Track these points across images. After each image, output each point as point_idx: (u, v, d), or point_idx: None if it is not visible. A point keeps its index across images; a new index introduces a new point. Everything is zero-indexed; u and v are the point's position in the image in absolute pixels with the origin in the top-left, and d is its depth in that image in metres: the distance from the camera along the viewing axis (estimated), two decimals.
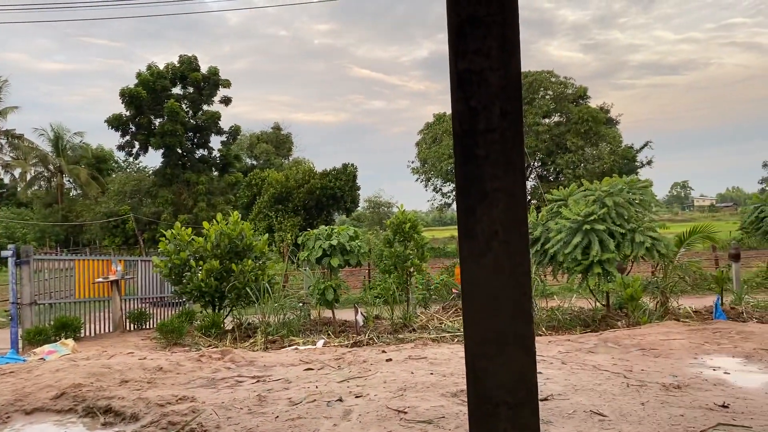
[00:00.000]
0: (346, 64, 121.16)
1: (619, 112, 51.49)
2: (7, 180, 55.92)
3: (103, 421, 5.51)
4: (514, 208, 1.69)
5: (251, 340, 10.73)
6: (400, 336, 10.32)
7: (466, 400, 5.32)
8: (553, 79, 43.71)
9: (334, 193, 39.39)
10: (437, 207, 52.20)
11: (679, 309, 11.17)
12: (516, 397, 1.69)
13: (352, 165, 41.17)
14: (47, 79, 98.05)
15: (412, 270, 12.21)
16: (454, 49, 1.72)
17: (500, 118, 1.70)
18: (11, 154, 49.66)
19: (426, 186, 48.60)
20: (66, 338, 10.64)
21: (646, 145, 44.90)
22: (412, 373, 6.54)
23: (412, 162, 49.15)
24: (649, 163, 44.99)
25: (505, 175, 1.69)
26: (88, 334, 12.21)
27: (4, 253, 11.93)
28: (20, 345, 11.05)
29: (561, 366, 6.67)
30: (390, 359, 7.44)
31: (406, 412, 4.97)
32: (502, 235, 1.69)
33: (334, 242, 11.79)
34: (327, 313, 12.45)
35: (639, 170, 44.11)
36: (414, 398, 5.42)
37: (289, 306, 12.18)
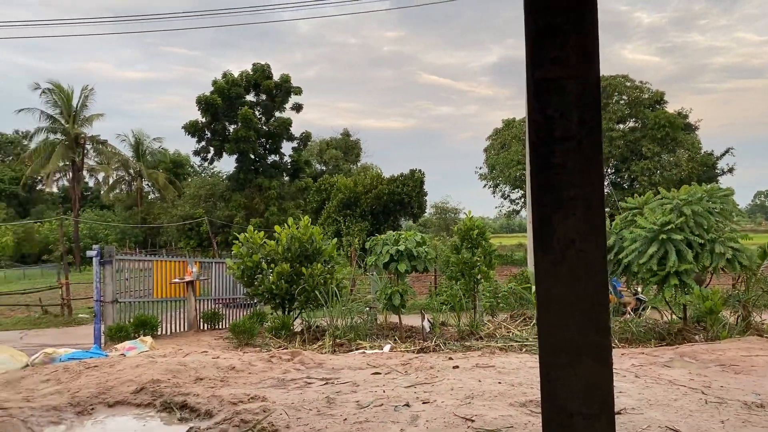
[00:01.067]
0: (414, 71, 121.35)
1: (698, 118, 49.36)
2: (91, 183, 58.94)
3: (179, 416, 5.73)
4: (592, 216, 1.67)
5: (319, 343, 10.89)
6: (467, 344, 10.24)
7: (535, 410, 5.25)
8: (627, 84, 42.42)
9: (401, 198, 39.53)
10: (505, 214, 51.53)
11: (763, 324, 10.61)
12: (591, 408, 1.67)
13: (420, 171, 41.25)
14: (130, 87, 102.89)
15: (479, 277, 12.11)
16: (531, 58, 1.72)
17: (578, 127, 1.69)
18: (96, 159, 52.30)
19: (494, 192, 48.09)
20: (144, 336, 11.11)
21: (727, 151, 42.86)
22: (480, 381, 6.49)
23: (480, 168, 48.75)
24: (731, 170, 42.92)
25: (583, 184, 1.68)
26: (164, 332, 12.71)
27: (89, 253, 12.59)
28: (102, 341, 11.61)
29: (634, 379, 6.47)
30: (457, 366, 7.40)
31: (473, 420, 4.94)
32: (578, 244, 1.68)
33: (402, 247, 11.83)
34: (393, 318, 12.50)
35: (719, 178, 42.17)
36: (482, 407, 5.38)
37: (356, 310, 12.30)
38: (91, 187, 59.94)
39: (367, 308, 12.75)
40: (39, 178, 53.90)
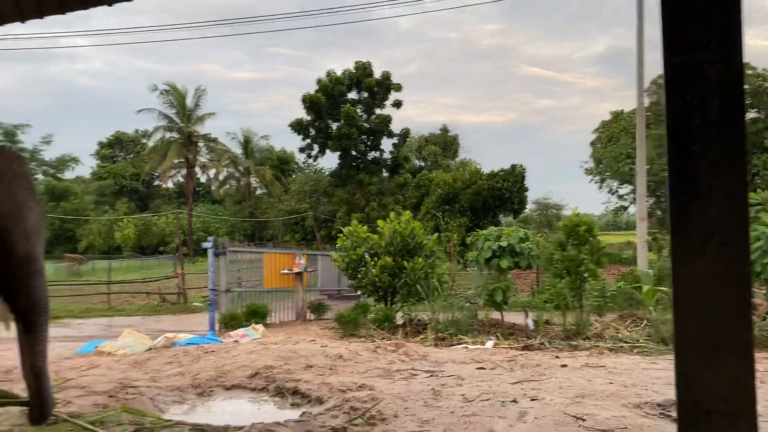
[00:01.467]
0: (514, 64, 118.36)
1: None
2: (203, 179, 62.12)
3: (291, 401, 5.98)
4: (734, 207, 1.60)
5: (421, 336, 10.98)
6: (573, 343, 9.97)
7: (650, 412, 5.05)
8: (749, 72, 39.53)
9: (502, 194, 38.98)
10: (612, 210, 49.53)
11: None
12: (731, 406, 1.61)
13: (521, 166, 40.50)
14: (238, 87, 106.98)
15: (586, 275, 11.72)
16: (669, 42, 1.67)
17: (719, 113, 1.62)
18: (207, 156, 55.06)
19: (600, 188, 46.30)
20: (256, 324, 11.61)
21: None
22: (590, 380, 6.32)
23: (586, 162, 47.07)
24: None
25: (724, 173, 1.61)
26: (273, 321, 13.24)
27: (205, 245, 13.35)
28: (216, 328, 12.25)
29: (759, 385, 6.07)
30: (565, 365, 7.25)
31: (584, 419, 4.83)
32: (719, 236, 1.61)
33: (504, 243, 11.68)
34: (494, 315, 12.37)
35: None
36: (593, 406, 5.24)
37: (456, 305, 12.27)
38: (203, 182, 63.16)
39: (467, 303, 12.69)
40: (156, 174, 57.54)
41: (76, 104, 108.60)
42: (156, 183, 63.26)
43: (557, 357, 7.98)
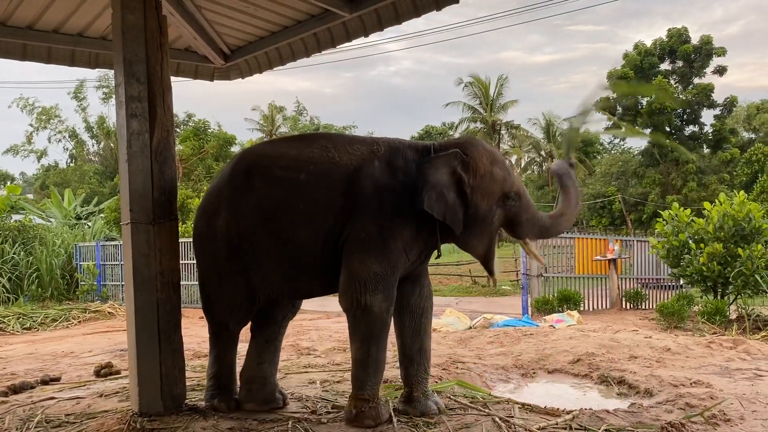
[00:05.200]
0: None
1: None
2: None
3: (617, 391, 5.82)
4: None
5: (762, 333, 9.70)
6: None
7: None
8: None
9: None
10: None
11: None
12: None
13: None
14: (537, 71, 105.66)
15: None
16: None
17: None
18: (509, 143, 55.92)
19: None
20: (569, 310, 11.51)
21: None
22: None
23: None
24: None
25: None
26: (586, 308, 12.96)
27: None
28: (529, 311, 12.46)
29: None
30: None
31: None
32: None
33: None
34: None
35: None
36: None
37: None
38: None
39: None
40: None
41: (391, 103, 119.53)
42: None
43: None
